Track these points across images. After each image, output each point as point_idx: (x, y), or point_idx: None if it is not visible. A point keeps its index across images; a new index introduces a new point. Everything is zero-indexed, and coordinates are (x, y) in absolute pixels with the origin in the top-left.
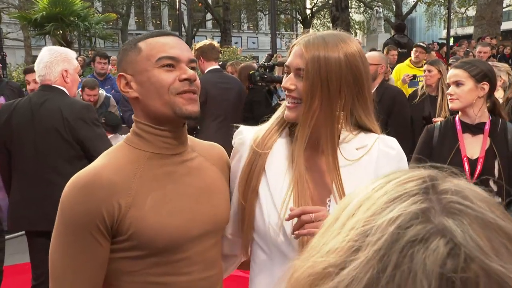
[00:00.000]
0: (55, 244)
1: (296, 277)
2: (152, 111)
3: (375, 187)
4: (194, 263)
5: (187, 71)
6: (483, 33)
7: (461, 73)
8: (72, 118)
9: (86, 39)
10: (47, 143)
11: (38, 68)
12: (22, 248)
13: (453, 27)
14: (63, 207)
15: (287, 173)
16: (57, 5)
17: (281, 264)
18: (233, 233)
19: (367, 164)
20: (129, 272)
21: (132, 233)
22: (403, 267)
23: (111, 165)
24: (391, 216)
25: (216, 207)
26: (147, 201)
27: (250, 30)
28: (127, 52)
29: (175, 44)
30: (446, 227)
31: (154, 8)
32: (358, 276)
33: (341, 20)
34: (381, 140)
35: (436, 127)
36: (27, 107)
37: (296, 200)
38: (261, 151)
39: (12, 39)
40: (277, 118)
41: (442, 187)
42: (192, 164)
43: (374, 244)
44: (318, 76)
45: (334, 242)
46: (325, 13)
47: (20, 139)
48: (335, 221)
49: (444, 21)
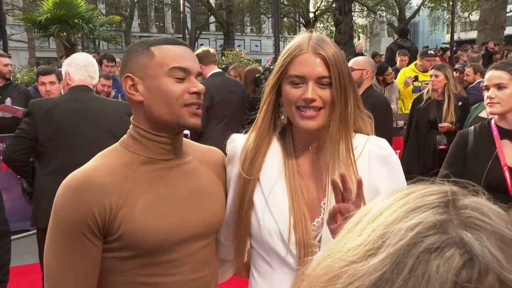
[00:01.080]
0: (49, 245)
1: (314, 275)
2: (155, 116)
3: (397, 197)
4: (183, 264)
5: (197, 85)
6: (487, 38)
7: (504, 75)
8: (123, 114)
9: (90, 41)
10: (95, 137)
11: (88, 70)
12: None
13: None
14: (56, 208)
15: (281, 179)
16: (62, 7)
17: (282, 271)
18: (226, 238)
19: (359, 165)
20: (119, 272)
21: (121, 233)
22: (418, 272)
23: (103, 168)
24: (411, 223)
25: (208, 210)
26: (138, 203)
27: (253, 33)
28: (137, 54)
29: (187, 55)
30: (463, 239)
31: (157, 10)
32: (369, 272)
33: (344, 24)
34: (372, 141)
35: (470, 132)
36: (74, 104)
37: (291, 206)
38: (249, 177)
39: (16, 41)
40: (262, 129)
41: (463, 203)
42: (186, 168)
43: (392, 246)
44: (340, 79)
45: (354, 243)
46: (328, 17)
47: (67, 135)
48: (355, 225)
49: (447, 25)
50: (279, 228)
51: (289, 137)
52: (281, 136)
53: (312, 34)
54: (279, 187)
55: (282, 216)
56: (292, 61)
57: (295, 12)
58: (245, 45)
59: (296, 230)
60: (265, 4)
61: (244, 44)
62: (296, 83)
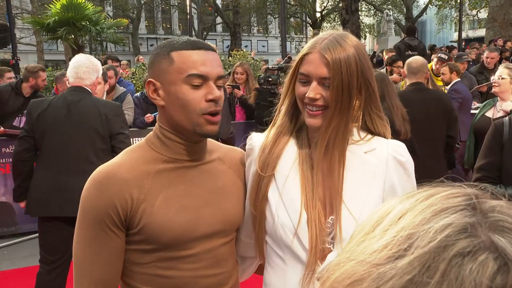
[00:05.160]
0: (77, 236)
1: (335, 278)
2: (175, 121)
3: (419, 199)
4: (200, 260)
5: (214, 92)
6: (495, 36)
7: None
8: (111, 114)
9: (98, 43)
10: (82, 136)
11: (77, 71)
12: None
13: (464, 30)
14: (83, 201)
15: (295, 175)
16: (69, 10)
17: (295, 267)
18: (246, 236)
19: (375, 167)
20: (140, 264)
21: (142, 227)
22: (451, 276)
23: (127, 163)
24: (440, 225)
25: (225, 209)
26: (158, 198)
27: (260, 33)
28: (159, 59)
29: (206, 60)
30: (495, 243)
31: (164, 12)
32: (398, 274)
33: (351, 23)
34: (391, 145)
35: (505, 122)
36: (63, 104)
37: (305, 203)
38: (264, 174)
39: (25, 44)
40: (282, 127)
41: (489, 205)
42: (207, 167)
43: (421, 248)
44: (341, 82)
45: (377, 245)
46: (335, 16)
47: (55, 132)
48: (374, 227)
49: (455, 23)
50: (292, 223)
51: (304, 133)
52: (299, 133)
53: (333, 33)
54: (293, 182)
55: (295, 211)
56: (303, 60)
57: (301, 12)
58: (252, 45)
59: (309, 225)
60: (272, 5)
61: (251, 44)
62: (303, 81)
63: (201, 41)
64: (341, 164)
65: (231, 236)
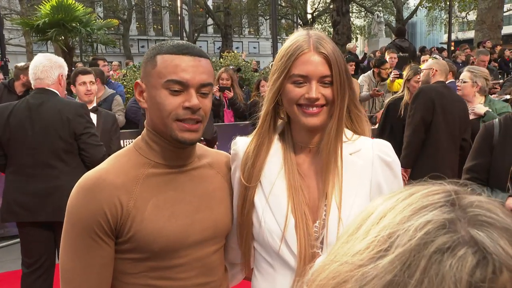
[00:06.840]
0: (64, 246)
1: (320, 280)
2: (155, 124)
3: (399, 198)
4: (191, 269)
5: (191, 100)
6: (484, 38)
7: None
8: (72, 115)
9: (88, 44)
10: (44, 140)
11: (36, 72)
12: None
13: (454, 32)
14: (70, 209)
15: (281, 179)
16: (59, 11)
17: (284, 273)
18: (235, 242)
19: (361, 169)
20: (130, 274)
21: (132, 235)
22: (431, 273)
23: (115, 169)
24: (419, 223)
25: (216, 215)
26: (148, 205)
27: (251, 35)
28: (146, 61)
29: (189, 66)
30: (474, 237)
31: (155, 13)
32: (380, 274)
33: (342, 25)
34: (376, 145)
35: (495, 124)
36: (25, 108)
37: (292, 208)
38: (249, 185)
39: (14, 45)
40: (263, 131)
41: (468, 201)
42: (196, 173)
43: (401, 247)
44: (339, 77)
45: (360, 246)
46: (326, 18)
47: (19, 137)
48: (358, 228)
49: (445, 25)
50: (280, 228)
51: (288, 137)
52: (281, 137)
53: (310, 32)
54: (279, 187)
55: (282, 216)
56: (295, 61)
57: (292, 14)
58: (243, 47)
59: (297, 230)
60: (263, 6)
61: (242, 46)
62: (299, 82)
63: (191, 46)
64: (336, 165)
65: (221, 243)
